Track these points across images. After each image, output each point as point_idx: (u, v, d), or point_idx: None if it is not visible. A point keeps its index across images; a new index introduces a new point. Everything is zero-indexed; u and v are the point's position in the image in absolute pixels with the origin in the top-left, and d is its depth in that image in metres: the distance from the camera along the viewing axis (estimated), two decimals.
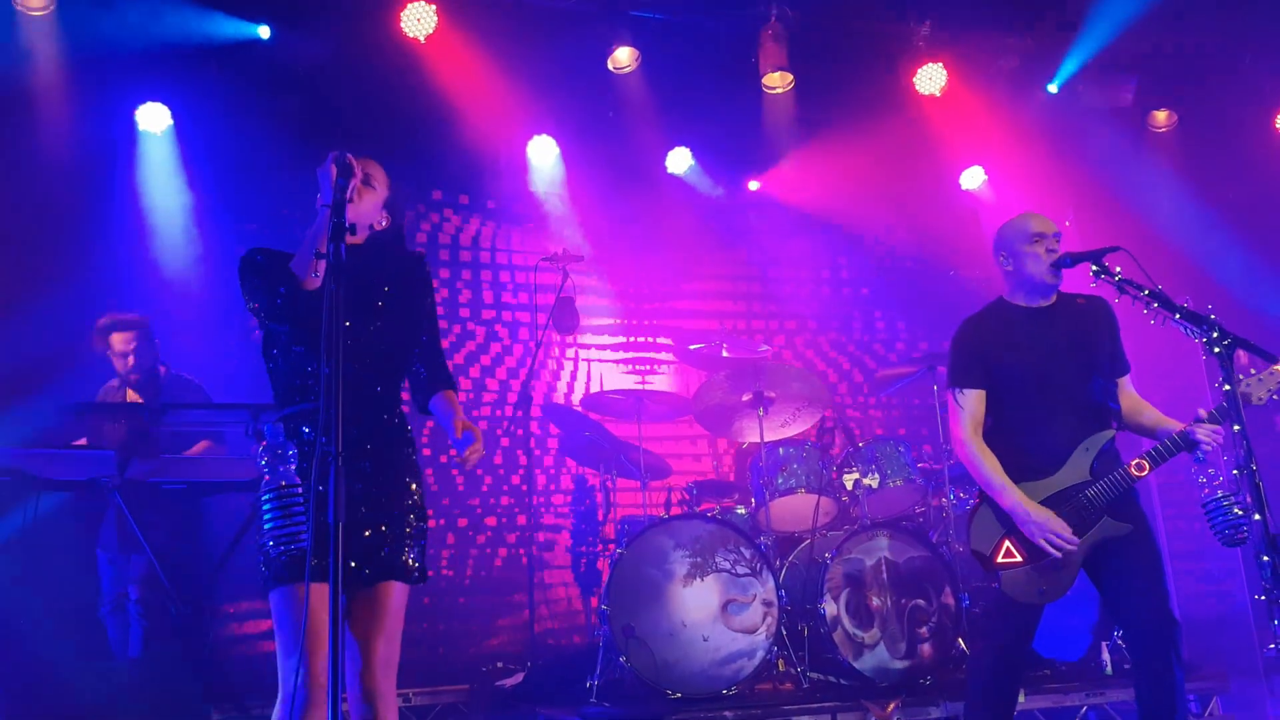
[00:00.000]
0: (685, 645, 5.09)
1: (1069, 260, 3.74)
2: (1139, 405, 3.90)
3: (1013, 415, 3.82)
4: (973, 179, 8.04)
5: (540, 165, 7.38)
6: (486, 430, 7.00)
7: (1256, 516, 3.30)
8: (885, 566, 5.41)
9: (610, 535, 6.01)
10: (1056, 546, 3.59)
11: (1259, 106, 7.64)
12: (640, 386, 7.27)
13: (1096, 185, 7.47)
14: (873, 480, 5.80)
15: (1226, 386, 3.47)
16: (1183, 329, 3.53)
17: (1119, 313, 3.86)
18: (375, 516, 2.92)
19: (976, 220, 7.97)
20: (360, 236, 3.11)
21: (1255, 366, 3.60)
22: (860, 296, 8.28)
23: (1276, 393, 3.61)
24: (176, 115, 6.43)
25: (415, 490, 3.05)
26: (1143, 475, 3.64)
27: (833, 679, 5.33)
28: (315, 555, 2.59)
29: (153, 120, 6.39)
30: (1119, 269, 3.64)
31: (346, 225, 2.72)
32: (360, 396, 2.93)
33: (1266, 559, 3.23)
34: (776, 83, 7.12)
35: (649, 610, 5.12)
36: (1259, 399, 3.61)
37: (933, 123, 7.42)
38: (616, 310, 7.63)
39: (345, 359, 2.60)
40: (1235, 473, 3.44)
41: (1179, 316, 3.53)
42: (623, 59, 6.90)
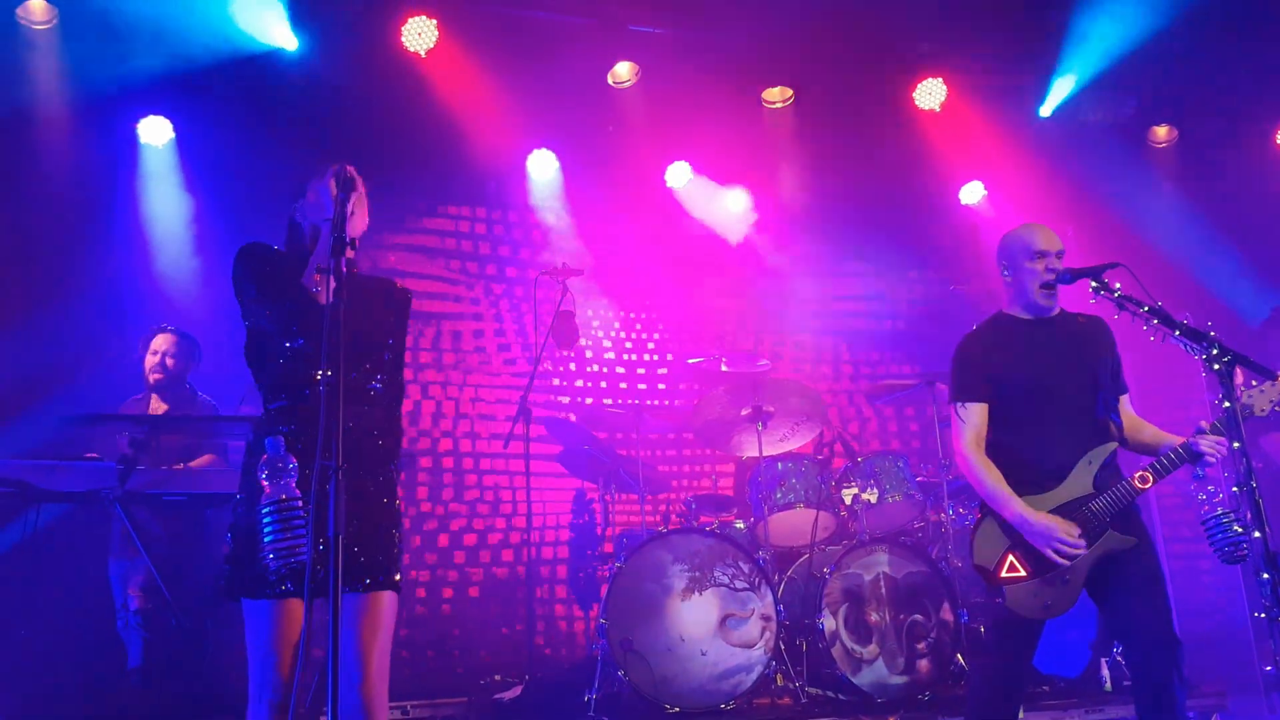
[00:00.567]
0: (683, 660, 5.08)
1: (1068, 276, 3.73)
2: (1139, 424, 3.89)
3: (1015, 428, 3.80)
4: (972, 194, 8.05)
5: (540, 179, 7.40)
6: (484, 443, 7.01)
7: (1256, 534, 3.29)
8: (884, 582, 5.40)
9: (609, 549, 6.00)
10: (1064, 554, 3.58)
11: (1259, 122, 7.67)
12: (639, 401, 7.27)
13: (1096, 201, 7.48)
14: (871, 495, 5.79)
15: (1227, 404, 3.46)
16: (1182, 345, 3.52)
17: (1117, 330, 3.86)
18: (362, 528, 2.95)
19: (976, 235, 7.98)
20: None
21: (1255, 380, 3.60)
22: (860, 311, 8.28)
23: (1278, 404, 3.61)
24: (178, 129, 6.45)
25: (396, 502, 3.09)
26: (1146, 488, 3.62)
27: (831, 694, 5.31)
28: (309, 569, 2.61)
29: (154, 134, 6.42)
30: (1119, 285, 3.64)
31: (347, 240, 2.73)
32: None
33: (1266, 576, 3.23)
34: (776, 97, 7.13)
35: (647, 624, 5.11)
36: (1261, 410, 3.61)
37: (932, 138, 7.44)
38: (616, 324, 7.64)
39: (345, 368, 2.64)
40: (1235, 489, 3.43)
41: (1178, 333, 3.52)
42: (622, 74, 6.94)
